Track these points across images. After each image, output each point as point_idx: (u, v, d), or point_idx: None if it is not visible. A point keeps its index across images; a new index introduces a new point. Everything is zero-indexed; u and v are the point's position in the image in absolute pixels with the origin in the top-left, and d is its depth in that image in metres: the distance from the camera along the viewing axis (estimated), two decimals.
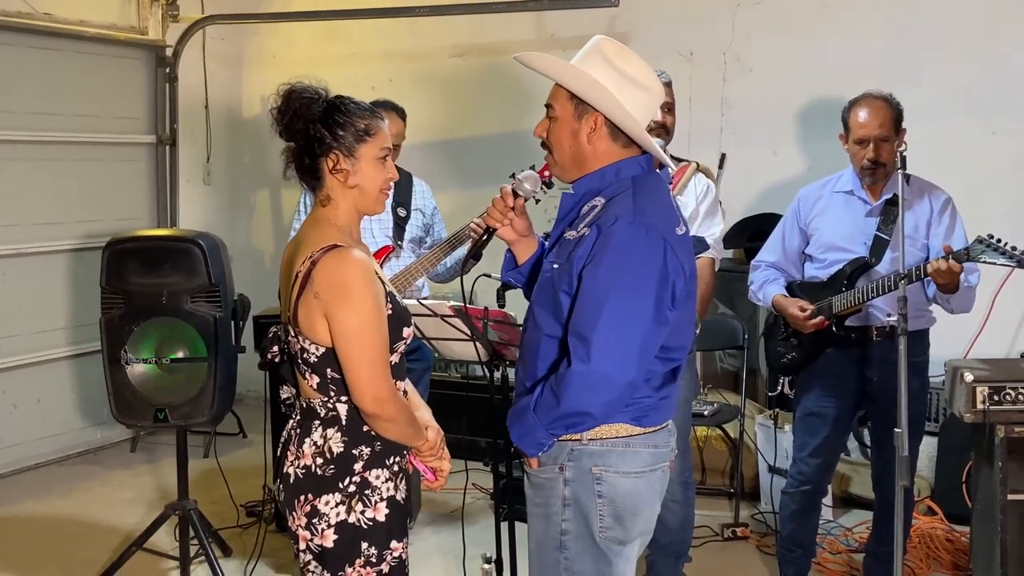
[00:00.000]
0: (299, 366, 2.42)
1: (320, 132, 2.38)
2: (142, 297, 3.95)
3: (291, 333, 2.41)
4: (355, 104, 2.43)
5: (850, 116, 3.59)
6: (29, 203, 5.55)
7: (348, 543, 2.38)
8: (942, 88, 5.05)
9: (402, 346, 2.47)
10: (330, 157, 2.39)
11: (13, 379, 5.53)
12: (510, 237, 2.59)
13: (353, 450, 2.38)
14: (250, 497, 4.83)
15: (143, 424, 4.18)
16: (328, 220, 2.43)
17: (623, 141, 2.37)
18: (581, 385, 2.25)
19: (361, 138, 2.40)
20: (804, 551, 3.85)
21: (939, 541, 4.37)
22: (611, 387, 2.25)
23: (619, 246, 2.25)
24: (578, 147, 2.38)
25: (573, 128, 2.37)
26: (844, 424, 3.81)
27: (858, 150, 3.57)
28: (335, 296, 2.30)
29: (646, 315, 2.25)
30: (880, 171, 3.57)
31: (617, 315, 2.23)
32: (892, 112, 3.55)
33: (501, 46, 6.13)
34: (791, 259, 3.83)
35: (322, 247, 2.34)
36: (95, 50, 5.89)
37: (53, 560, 4.38)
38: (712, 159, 5.51)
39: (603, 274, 2.25)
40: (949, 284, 3.36)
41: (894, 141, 3.52)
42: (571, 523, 2.38)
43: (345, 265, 2.32)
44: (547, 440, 2.35)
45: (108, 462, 5.76)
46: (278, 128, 2.43)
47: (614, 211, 2.30)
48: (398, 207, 4.26)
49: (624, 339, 2.24)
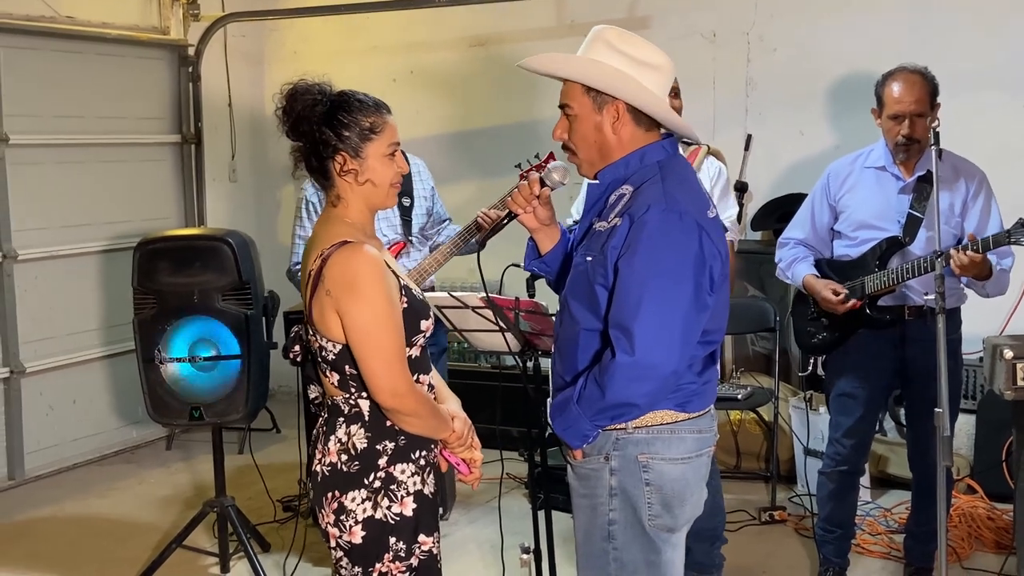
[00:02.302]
0: (319, 364, 2.43)
1: (325, 134, 2.35)
2: (173, 297, 3.98)
3: (310, 332, 2.42)
4: (359, 101, 2.39)
5: (884, 90, 3.52)
6: (58, 206, 5.59)
7: (376, 539, 2.38)
8: (968, 63, 4.97)
9: (421, 339, 2.45)
10: (337, 159, 2.37)
11: (49, 381, 5.58)
12: (532, 225, 2.59)
13: (377, 445, 2.38)
14: (286, 492, 4.85)
15: (179, 423, 4.22)
16: (339, 218, 2.41)
17: (645, 125, 2.35)
18: (627, 377, 2.23)
19: (367, 137, 2.37)
20: (843, 532, 3.83)
21: (980, 520, 4.32)
22: (656, 377, 2.24)
23: (654, 235, 2.23)
24: (604, 139, 2.35)
25: (596, 122, 2.35)
26: (878, 403, 3.78)
27: (892, 126, 3.52)
28: (345, 292, 2.29)
29: (686, 302, 2.24)
30: (914, 147, 3.51)
31: (658, 304, 2.21)
32: (928, 87, 3.48)
33: (520, 34, 6.10)
34: (820, 236, 3.78)
35: (332, 244, 2.33)
36: (118, 51, 5.91)
37: (93, 560, 4.42)
38: (738, 141, 5.47)
39: (640, 264, 2.23)
40: (980, 273, 3.32)
41: (929, 116, 3.47)
42: (619, 513, 2.37)
43: (354, 260, 2.30)
44: (591, 432, 2.34)
45: (145, 461, 5.81)
46: (284, 129, 2.41)
47: (644, 199, 2.27)
48: (402, 196, 4.17)
49: (666, 328, 2.22)
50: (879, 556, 4.20)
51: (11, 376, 5.37)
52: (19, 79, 5.34)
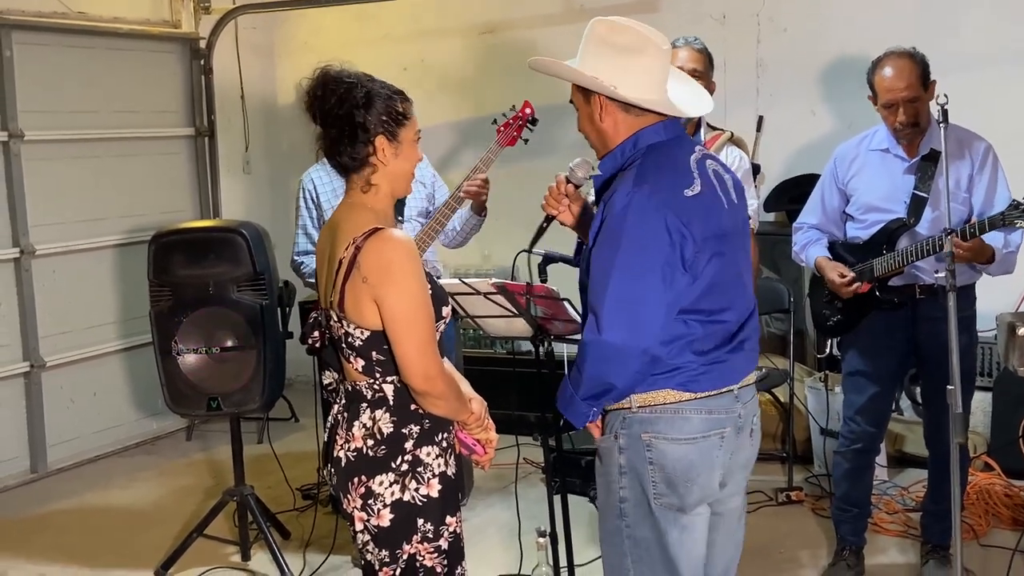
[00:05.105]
0: (343, 350, 2.44)
1: (365, 118, 2.37)
2: (189, 288, 4.01)
3: (334, 318, 2.43)
4: (388, 87, 2.43)
5: (875, 79, 3.50)
6: (73, 201, 5.63)
7: (404, 521, 2.41)
8: (980, 38, 4.94)
9: (442, 325, 2.48)
10: (377, 142, 2.39)
11: (69, 374, 5.64)
12: (569, 222, 2.64)
13: (403, 429, 2.41)
14: (305, 480, 4.90)
15: (197, 413, 4.26)
16: (365, 205, 2.43)
17: (636, 111, 2.38)
18: (595, 356, 2.30)
19: (401, 122, 2.42)
20: (859, 511, 3.83)
21: (997, 497, 4.32)
22: (624, 356, 2.27)
23: (616, 217, 2.28)
24: (597, 129, 2.42)
25: (588, 113, 2.42)
26: (892, 382, 3.78)
27: (888, 114, 3.49)
28: (383, 279, 2.32)
29: (649, 279, 2.26)
30: (915, 130, 3.49)
31: (620, 284, 2.26)
32: (917, 69, 3.44)
33: (531, 20, 6.09)
34: (832, 219, 3.78)
35: (364, 232, 2.35)
36: (130, 46, 5.94)
37: (116, 549, 4.48)
38: (749, 122, 5.45)
39: (604, 247, 2.30)
40: (979, 258, 3.32)
41: (924, 98, 3.45)
42: (628, 491, 2.41)
43: (389, 248, 2.33)
44: (586, 411, 2.38)
45: (165, 452, 5.86)
46: (315, 114, 2.41)
47: (617, 184, 2.34)
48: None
49: (629, 307, 2.26)
50: (896, 535, 4.21)
51: (31, 370, 5.43)
52: (33, 75, 5.38)
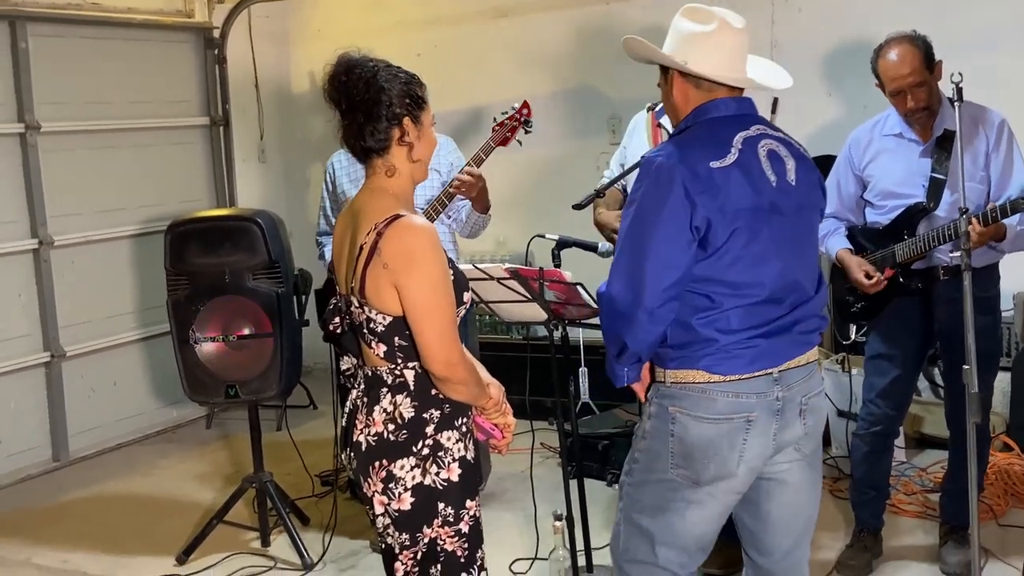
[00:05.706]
0: (364, 335, 2.45)
1: (391, 102, 2.38)
2: (206, 277, 4.03)
3: (354, 304, 2.44)
4: (406, 72, 2.44)
5: (879, 66, 3.47)
6: (90, 191, 5.66)
7: (425, 505, 2.42)
8: (997, 14, 4.89)
9: (463, 310, 2.49)
10: (404, 124, 2.40)
11: (90, 364, 5.68)
12: None
13: (424, 414, 2.41)
14: (323, 467, 4.92)
15: (215, 401, 4.30)
16: (386, 190, 2.43)
17: (707, 86, 2.47)
18: (603, 311, 2.47)
19: (422, 106, 2.43)
20: (878, 493, 3.82)
21: (1016, 477, 4.30)
22: (621, 311, 2.39)
23: (639, 177, 2.43)
24: (672, 103, 2.53)
25: (666, 90, 2.55)
26: (915, 365, 3.75)
27: (897, 101, 3.47)
28: (405, 265, 2.32)
29: (656, 240, 2.35)
30: (925, 113, 3.46)
31: (631, 243, 2.39)
32: (920, 52, 3.41)
33: (542, 3, 6.07)
34: (848, 206, 3.74)
35: (385, 218, 2.35)
36: (144, 36, 5.96)
37: (137, 536, 4.52)
38: (764, 104, 5.37)
39: (628, 205, 2.44)
40: (995, 237, 3.30)
41: (930, 81, 3.42)
42: (642, 453, 2.54)
43: (411, 234, 2.34)
44: (619, 370, 2.50)
45: (185, 440, 5.90)
46: (338, 99, 2.41)
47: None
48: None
49: (630, 268, 2.38)
50: (914, 516, 4.20)
51: (52, 360, 5.48)
52: (48, 67, 5.41)
